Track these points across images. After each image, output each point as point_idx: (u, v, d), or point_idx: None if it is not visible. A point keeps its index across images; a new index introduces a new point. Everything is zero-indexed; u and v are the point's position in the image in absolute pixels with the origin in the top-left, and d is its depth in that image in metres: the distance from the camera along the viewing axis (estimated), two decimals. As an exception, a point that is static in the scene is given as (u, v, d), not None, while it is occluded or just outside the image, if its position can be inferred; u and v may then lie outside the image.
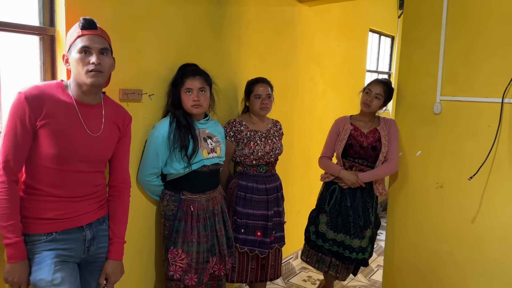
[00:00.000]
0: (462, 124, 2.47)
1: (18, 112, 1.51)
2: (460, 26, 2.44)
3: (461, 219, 2.51)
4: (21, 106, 1.51)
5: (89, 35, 1.58)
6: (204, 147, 2.21)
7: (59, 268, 1.59)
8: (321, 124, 3.68)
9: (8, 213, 1.52)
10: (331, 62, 3.83)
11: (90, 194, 1.72)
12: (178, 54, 2.30)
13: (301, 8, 3.31)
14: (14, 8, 1.75)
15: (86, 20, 1.59)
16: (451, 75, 2.49)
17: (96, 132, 1.67)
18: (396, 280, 2.80)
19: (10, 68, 1.76)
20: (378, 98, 2.61)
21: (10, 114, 1.52)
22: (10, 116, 1.52)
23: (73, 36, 1.59)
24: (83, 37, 1.57)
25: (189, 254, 2.13)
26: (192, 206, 2.16)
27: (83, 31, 1.58)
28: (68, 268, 1.63)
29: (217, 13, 2.55)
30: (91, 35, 1.58)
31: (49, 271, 1.56)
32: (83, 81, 1.58)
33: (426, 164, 2.62)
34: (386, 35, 5.07)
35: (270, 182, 2.57)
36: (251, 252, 2.50)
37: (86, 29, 1.58)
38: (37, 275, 1.57)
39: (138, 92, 2.09)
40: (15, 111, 1.51)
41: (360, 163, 2.67)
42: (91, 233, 1.72)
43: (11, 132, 1.52)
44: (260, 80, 2.56)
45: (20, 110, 1.51)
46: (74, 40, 1.58)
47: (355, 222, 2.65)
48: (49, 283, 1.55)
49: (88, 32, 1.58)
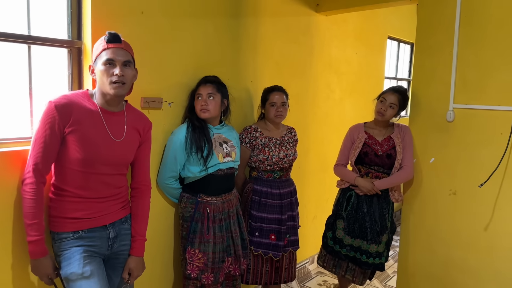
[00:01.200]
0: (474, 131, 2.49)
1: (48, 119, 1.64)
2: (473, 35, 2.47)
3: (474, 225, 2.52)
4: (51, 113, 1.63)
5: (113, 48, 1.70)
6: (219, 151, 2.31)
7: (88, 262, 1.71)
8: (338, 131, 3.72)
9: (34, 212, 1.64)
10: (348, 69, 3.88)
11: (113, 195, 1.84)
12: (196, 64, 2.42)
13: (318, 17, 3.39)
14: (44, 23, 1.89)
15: (111, 34, 1.72)
16: (463, 83, 2.52)
17: (119, 138, 1.80)
18: (411, 286, 2.82)
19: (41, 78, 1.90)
20: (392, 108, 2.65)
21: (41, 121, 1.65)
22: (41, 123, 1.64)
23: (98, 49, 1.72)
24: (108, 50, 1.70)
25: (205, 254, 2.24)
26: (208, 208, 2.27)
27: (108, 44, 1.70)
28: (96, 262, 1.75)
29: (234, 24, 2.66)
30: (115, 48, 1.70)
31: (79, 265, 1.69)
32: (107, 91, 1.71)
33: (439, 171, 2.64)
34: (405, 42, 5.08)
35: (284, 187, 2.65)
36: (265, 255, 2.58)
37: (111, 43, 1.70)
38: (68, 269, 1.69)
39: (158, 100, 2.22)
40: (45, 118, 1.64)
41: (376, 170, 2.71)
42: (114, 232, 1.84)
43: (41, 138, 1.64)
44: (276, 88, 2.65)
45: (50, 117, 1.63)
46: (100, 53, 1.71)
47: (372, 228, 2.69)
48: (80, 275, 1.68)
49: (113, 45, 1.70)
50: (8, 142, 1.78)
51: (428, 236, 2.72)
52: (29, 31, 1.83)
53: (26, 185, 1.65)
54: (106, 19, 1.96)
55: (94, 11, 1.92)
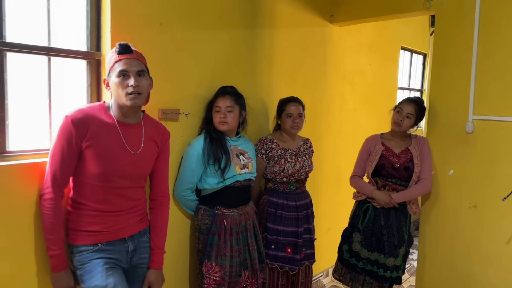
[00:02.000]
0: (495, 143, 2.45)
1: (65, 134, 1.62)
2: (492, 45, 2.44)
3: (495, 240, 2.47)
4: (67, 128, 1.61)
5: (125, 59, 1.67)
6: (236, 163, 2.29)
7: (111, 274, 1.68)
8: (352, 141, 3.70)
9: (53, 227, 1.64)
10: (361, 80, 3.86)
11: (131, 208, 1.82)
12: (213, 75, 2.41)
13: (332, 28, 3.38)
14: (63, 35, 1.89)
15: (122, 45, 1.69)
16: (483, 94, 2.48)
17: (136, 150, 1.78)
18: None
19: (59, 89, 1.90)
20: (410, 118, 2.61)
21: (57, 136, 1.63)
22: (58, 138, 1.63)
23: (111, 61, 1.70)
24: (120, 61, 1.67)
25: (222, 267, 2.20)
26: (225, 220, 2.24)
27: (120, 56, 1.67)
28: (118, 273, 1.73)
29: (250, 35, 2.65)
30: (127, 59, 1.67)
31: (101, 277, 1.66)
32: (124, 103, 1.68)
33: (459, 184, 2.60)
34: (418, 52, 5.05)
35: (300, 199, 2.62)
36: (281, 269, 2.54)
37: (122, 54, 1.67)
38: (91, 283, 1.66)
39: (175, 111, 2.21)
40: (62, 133, 1.62)
41: (393, 182, 2.66)
42: (133, 245, 1.82)
43: (59, 153, 1.62)
44: (292, 99, 2.63)
45: (67, 132, 1.61)
46: (113, 65, 1.68)
47: (389, 241, 2.64)
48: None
49: (125, 57, 1.67)
50: (27, 154, 1.77)
51: (447, 249, 2.67)
52: (49, 43, 1.83)
53: (45, 200, 1.64)
54: (125, 31, 1.96)
55: (114, 22, 1.92)
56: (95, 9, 1.94)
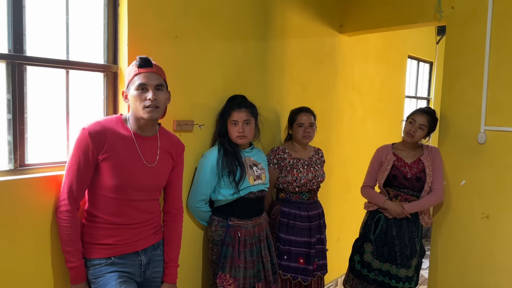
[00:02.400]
0: (507, 154, 2.45)
1: (82, 147, 1.62)
2: (505, 56, 2.45)
3: (509, 250, 2.46)
4: (84, 141, 1.62)
5: (145, 72, 1.68)
6: (250, 174, 2.29)
7: (124, 284, 1.68)
8: (361, 150, 3.70)
9: (71, 239, 1.64)
10: (370, 89, 3.87)
11: (146, 221, 1.81)
12: (226, 87, 2.42)
13: (341, 38, 3.40)
14: (81, 48, 1.91)
15: (142, 59, 1.70)
16: (495, 105, 2.49)
17: (152, 163, 1.78)
18: (441, 311, 2.76)
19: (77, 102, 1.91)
20: (422, 129, 2.61)
21: (74, 149, 1.63)
22: (75, 151, 1.63)
23: (130, 74, 1.71)
24: (139, 75, 1.68)
25: (236, 279, 2.20)
26: (239, 232, 2.24)
27: (140, 69, 1.68)
28: (132, 286, 1.72)
29: (262, 47, 2.67)
30: (147, 73, 1.68)
31: (115, 286, 1.65)
32: (141, 115, 1.69)
33: (471, 194, 2.60)
34: (424, 61, 5.07)
35: (313, 209, 2.62)
36: (294, 279, 2.53)
37: (142, 67, 1.68)
38: None
39: (190, 123, 2.22)
40: (79, 145, 1.63)
41: (405, 193, 2.66)
42: (146, 258, 1.81)
43: (75, 166, 1.63)
44: (304, 109, 2.64)
45: (83, 145, 1.62)
46: (132, 78, 1.69)
47: (401, 252, 2.63)
48: None
49: (144, 70, 1.68)
50: (45, 167, 1.78)
51: (460, 260, 2.66)
52: (68, 56, 1.84)
53: (61, 213, 1.64)
54: (141, 44, 1.97)
55: (130, 36, 1.93)
56: (112, 22, 1.96)
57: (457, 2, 2.63)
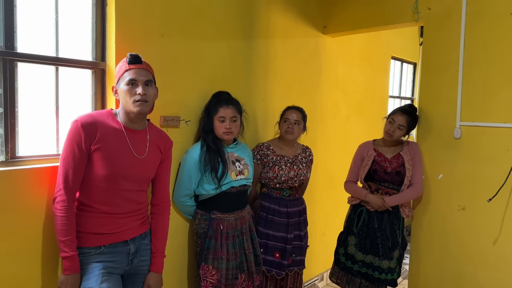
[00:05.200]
0: (481, 148, 2.56)
1: (75, 138, 1.69)
2: (478, 55, 2.56)
3: (484, 240, 2.57)
4: (77, 132, 1.69)
5: (135, 69, 1.77)
6: (232, 170, 2.37)
7: (106, 279, 1.74)
8: (345, 148, 3.80)
9: (66, 229, 1.69)
10: (354, 88, 3.98)
11: (134, 211, 1.89)
12: (212, 84, 2.50)
13: (325, 39, 3.50)
14: (70, 45, 1.98)
15: (133, 55, 1.79)
16: (470, 101, 2.60)
17: (141, 155, 1.86)
18: (421, 301, 2.85)
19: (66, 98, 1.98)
20: (401, 129, 2.69)
21: (67, 140, 1.70)
22: (68, 142, 1.70)
23: (121, 70, 1.79)
24: (130, 71, 1.77)
25: (219, 270, 2.27)
26: (221, 224, 2.31)
27: (130, 65, 1.77)
28: (113, 279, 1.79)
29: (247, 46, 2.76)
30: (137, 69, 1.77)
31: (96, 280, 1.72)
32: (131, 109, 1.77)
33: (448, 187, 2.70)
34: (408, 62, 5.20)
35: (293, 206, 2.68)
36: (269, 272, 2.59)
37: (133, 64, 1.78)
38: (86, 284, 1.73)
39: (176, 119, 2.30)
40: (72, 137, 1.69)
41: (386, 186, 2.76)
42: (134, 247, 1.88)
43: (70, 156, 1.69)
44: (294, 107, 2.72)
45: (77, 136, 1.69)
46: (122, 74, 1.78)
47: (383, 244, 2.72)
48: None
49: (134, 67, 1.77)
50: (36, 159, 1.85)
51: (438, 251, 2.76)
52: (57, 53, 1.91)
53: (57, 203, 1.69)
54: (129, 42, 2.05)
55: (118, 34, 2.01)
56: (100, 21, 2.04)
57: (434, 3, 2.74)
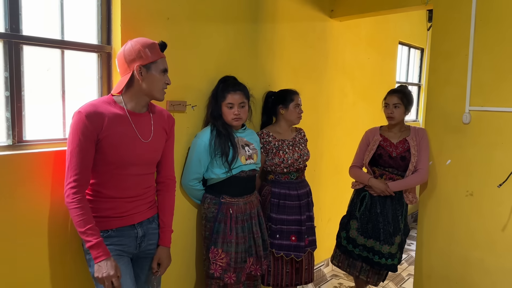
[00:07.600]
0: (490, 133, 2.53)
1: (80, 129, 1.65)
2: (488, 38, 2.52)
3: (492, 226, 2.56)
4: (82, 123, 1.65)
5: (164, 58, 1.82)
6: (242, 154, 2.37)
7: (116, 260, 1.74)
8: (351, 134, 3.78)
9: (84, 219, 1.65)
10: (361, 74, 3.94)
11: (142, 194, 1.89)
12: (218, 68, 2.48)
13: (332, 23, 3.45)
14: (75, 29, 1.96)
15: (164, 44, 1.82)
16: (479, 86, 2.56)
17: (147, 139, 1.84)
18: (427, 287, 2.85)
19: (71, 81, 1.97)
20: (398, 107, 2.72)
21: (73, 133, 1.66)
22: (73, 134, 1.66)
23: (154, 55, 1.76)
24: (163, 59, 1.81)
25: (228, 253, 2.28)
26: (231, 209, 2.32)
27: (162, 53, 1.80)
28: (124, 261, 1.81)
29: (253, 29, 2.73)
30: (164, 58, 1.82)
31: None
32: (155, 96, 1.81)
33: (456, 173, 2.68)
34: (415, 47, 5.13)
35: (301, 188, 2.70)
36: (287, 257, 2.62)
37: (162, 52, 1.81)
38: None
39: (183, 103, 2.28)
40: (77, 128, 1.65)
41: (390, 172, 2.75)
42: (142, 231, 1.89)
43: (77, 148, 1.66)
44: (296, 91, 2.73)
45: (82, 127, 1.65)
46: (156, 60, 1.77)
47: (384, 229, 2.72)
48: None
49: (164, 55, 1.82)
50: (42, 143, 1.85)
51: (445, 237, 2.76)
52: (63, 36, 1.90)
53: (68, 196, 1.66)
54: (134, 25, 2.03)
55: (124, 17, 1.99)
56: (105, 3, 2.01)
57: (443, -15, 2.69)
